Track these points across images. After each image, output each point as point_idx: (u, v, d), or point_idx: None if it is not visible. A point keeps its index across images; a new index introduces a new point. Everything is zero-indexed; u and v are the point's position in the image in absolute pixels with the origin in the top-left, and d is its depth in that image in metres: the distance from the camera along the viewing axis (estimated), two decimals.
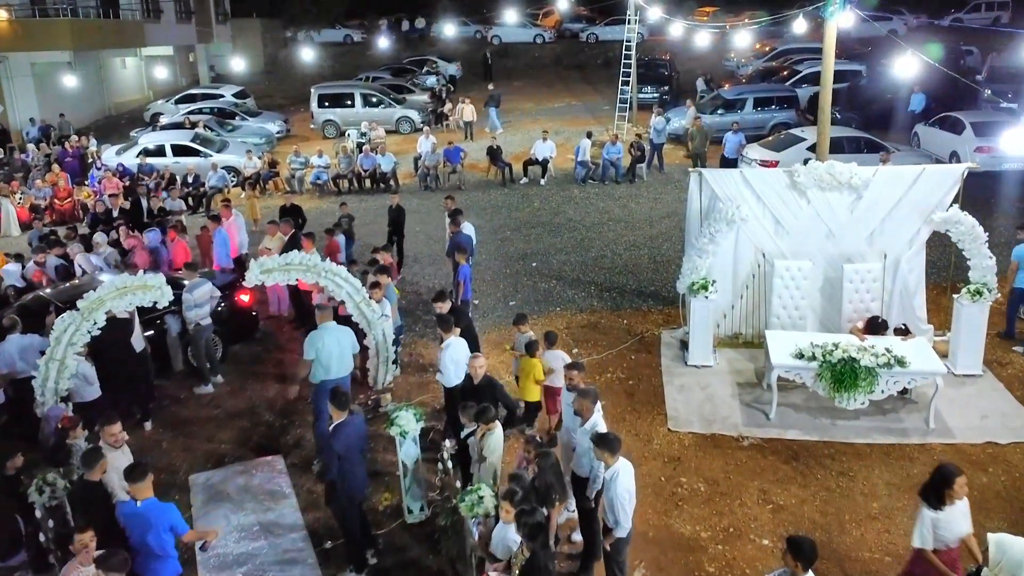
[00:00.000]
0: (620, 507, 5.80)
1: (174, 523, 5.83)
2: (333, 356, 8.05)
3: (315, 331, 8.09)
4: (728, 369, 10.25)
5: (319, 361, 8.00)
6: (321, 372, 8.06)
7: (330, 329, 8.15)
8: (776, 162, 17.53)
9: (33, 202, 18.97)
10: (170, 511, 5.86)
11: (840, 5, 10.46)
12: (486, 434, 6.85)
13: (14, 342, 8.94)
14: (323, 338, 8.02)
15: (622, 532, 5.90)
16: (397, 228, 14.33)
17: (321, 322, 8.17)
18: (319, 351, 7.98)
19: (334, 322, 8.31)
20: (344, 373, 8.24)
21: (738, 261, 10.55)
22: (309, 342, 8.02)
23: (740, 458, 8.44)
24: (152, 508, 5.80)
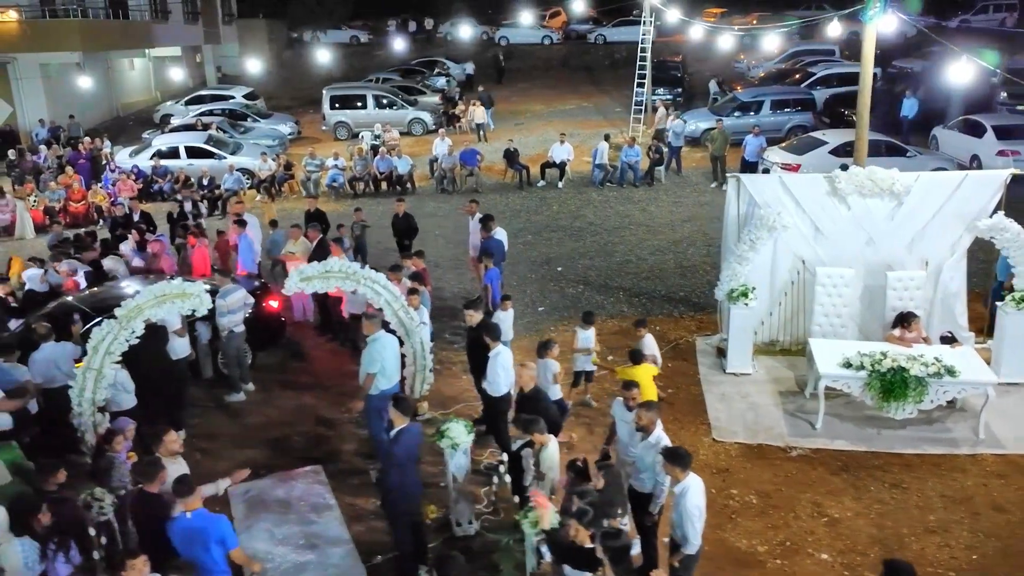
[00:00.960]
0: (690, 523, 5.67)
1: (224, 536, 5.67)
2: (389, 365, 7.92)
3: (374, 343, 7.93)
4: (767, 377, 10.12)
5: (381, 372, 7.85)
6: (383, 383, 7.92)
7: (384, 339, 8.01)
8: (798, 166, 17.44)
9: (47, 204, 18.80)
10: (220, 523, 5.71)
11: (881, 8, 10.34)
12: (542, 448, 6.72)
13: (47, 351, 8.76)
14: (383, 349, 7.88)
15: (692, 549, 5.77)
16: (406, 236, 13.83)
17: (371, 332, 8.01)
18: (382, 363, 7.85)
19: (384, 331, 8.17)
20: (397, 381, 8.11)
21: (776, 268, 10.42)
22: (371, 355, 7.87)
23: (789, 469, 8.31)
24: (202, 519, 5.66)
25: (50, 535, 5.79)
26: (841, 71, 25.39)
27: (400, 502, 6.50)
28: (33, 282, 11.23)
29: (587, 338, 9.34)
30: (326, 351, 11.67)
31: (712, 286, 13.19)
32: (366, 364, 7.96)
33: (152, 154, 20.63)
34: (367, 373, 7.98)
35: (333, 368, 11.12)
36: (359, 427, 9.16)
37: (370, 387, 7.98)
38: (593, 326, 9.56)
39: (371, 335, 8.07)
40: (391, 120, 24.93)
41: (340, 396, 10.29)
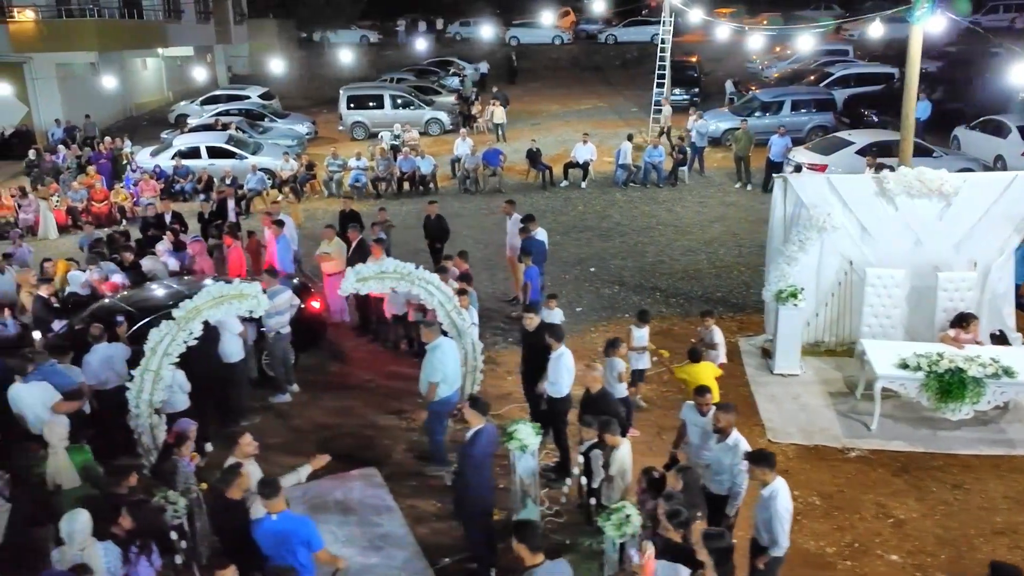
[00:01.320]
0: (780, 525, 5.65)
1: (310, 537, 5.62)
2: (451, 372, 7.89)
3: (436, 352, 7.89)
4: (815, 378, 10.10)
5: (443, 379, 7.82)
6: (445, 390, 7.89)
7: (446, 345, 7.97)
8: (824, 166, 17.41)
9: (70, 205, 18.74)
10: (306, 524, 5.68)
11: (929, 9, 10.32)
12: (613, 450, 6.70)
13: (101, 352, 8.72)
14: (444, 357, 7.84)
15: (780, 551, 5.75)
16: (438, 239, 13.73)
17: (430, 340, 7.96)
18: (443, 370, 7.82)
19: (443, 336, 8.13)
20: (458, 387, 8.08)
21: (822, 269, 10.39)
22: (433, 364, 7.82)
23: (848, 471, 8.29)
24: (288, 521, 5.62)
25: (131, 539, 5.76)
26: (859, 71, 25.39)
27: (476, 504, 6.47)
28: (75, 284, 11.17)
29: (642, 336, 9.35)
30: (366, 352, 11.64)
31: (748, 286, 13.32)
32: (428, 373, 7.89)
33: (173, 154, 20.56)
34: (430, 382, 7.92)
35: (375, 369, 11.09)
36: (422, 435, 9.12)
37: (434, 396, 7.93)
38: (648, 324, 9.56)
39: (431, 343, 8.01)
40: (408, 120, 24.89)
41: (385, 398, 10.26)
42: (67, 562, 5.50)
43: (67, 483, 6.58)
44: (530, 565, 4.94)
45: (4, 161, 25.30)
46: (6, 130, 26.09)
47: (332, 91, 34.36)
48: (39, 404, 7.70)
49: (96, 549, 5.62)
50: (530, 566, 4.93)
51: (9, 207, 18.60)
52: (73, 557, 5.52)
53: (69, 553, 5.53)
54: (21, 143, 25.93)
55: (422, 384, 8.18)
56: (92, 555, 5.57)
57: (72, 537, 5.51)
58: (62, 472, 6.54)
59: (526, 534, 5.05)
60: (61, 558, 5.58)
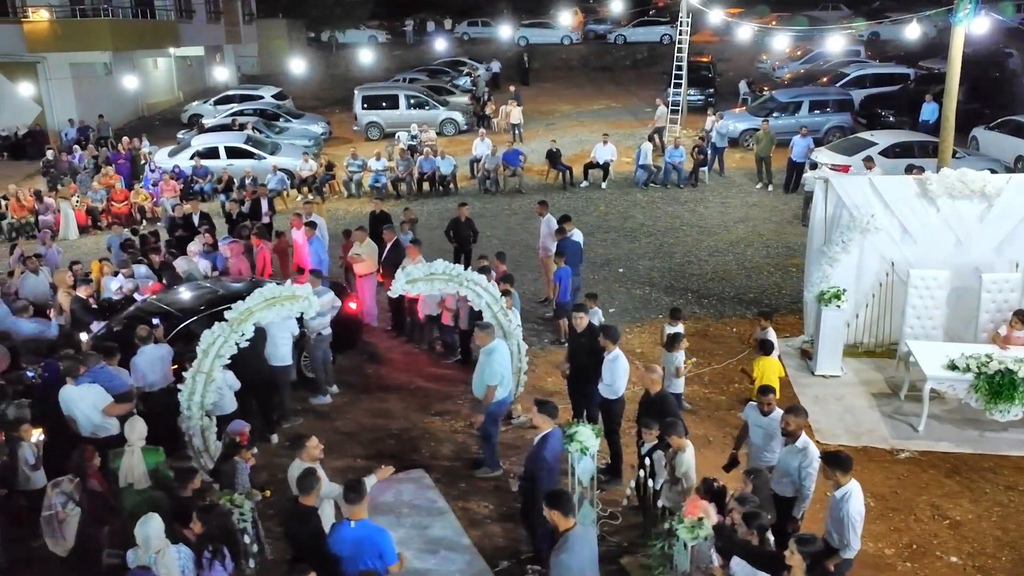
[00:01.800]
0: (852, 528, 5.64)
1: (383, 550, 5.54)
2: (507, 373, 7.87)
3: (494, 354, 7.88)
4: (857, 380, 10.10)
5: (501, 382, 7.80)
6: (501, 392, 7.88)
7: (501, 348, 7.96)
8: (848, 167, 17.40)
9: (90, 205, 18.71)
10: (382, 536, 5.60)
11: (972, 10, 10.32)
12: (679, 452, 6.68)
13: (148, 353, 8.69)
14: (502, 359, 7.83)
15: (852, 553, 5.74)
16: (466, 242, 13.65)
17: (485, 343, 7.93)
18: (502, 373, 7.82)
19: (497, 339, 8.12)
20: (511, 387, 8.08)
21: (862, 270, 10.38)
22: (492, 367, 7.80)
23: (900, 472, 8.28)
24: (365, 530, 5.57)
25: (202, 543, 5.73)
26: (874, 72, 25.40)
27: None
28: (110, 290, 11.11)
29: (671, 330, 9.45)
30: (401, 353, 11.61)
31: (779, 287, 13.33)
32: (487, 376, 7.86)
33: (192, 154, 20.52)
34: (488, 385, 7.89)
35: (412, 370, 11.08)
36: (468, 437, 9.11)
37: (492, 399, 7.91)
38: (681, 321, 9.58)
39: (486, 346, 7.99)
40: (423, 120, 24.79)
41: (426, 399, 10.24)
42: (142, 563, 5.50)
43: (138, 483, 6.56)
44: (564, 529, 5.27)
45: (18, 161, 25.30)
46: (19, 130, 26.06)
47: (343, 91, 34.40)
48: (90, 406, 7.68)
49: (171, 552, 5.61)
50: (564, 530, 5.26)
51: (28, 208, 18.59)
52: (148, 560, 5.51)
53: (145, 556, 5.51)
54: (34, 143, 25.93)
55: (477, 388, 8.15)
56: (167, 558, 5.56)
57: (148, 541, 5.51)
58: (135, 471, 6.52)
59: (558, 501, 5.34)
60: (136, 560, 5.57)
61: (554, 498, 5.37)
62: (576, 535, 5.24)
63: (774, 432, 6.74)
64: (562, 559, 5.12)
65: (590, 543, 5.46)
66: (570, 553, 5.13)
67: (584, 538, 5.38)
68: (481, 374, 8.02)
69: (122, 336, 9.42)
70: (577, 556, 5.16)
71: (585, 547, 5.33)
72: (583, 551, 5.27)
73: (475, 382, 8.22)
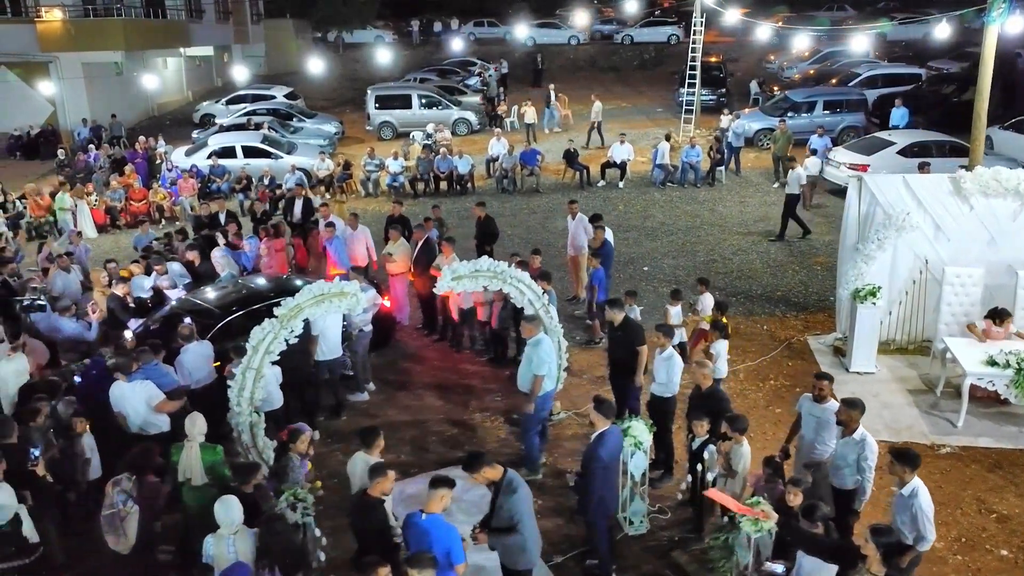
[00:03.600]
0: (927, 522, 5.70)
1: (451, 548, 5.52)
2: (554, 364, 7.93)
3: (541, 345, 7.91)
4: (891, 376, 10.17)
5: (548, 373, 7.86)
6: (548, 384, 7.93)
7: (547, 340, 8.02)
8: (867, 166, 17.50)
9: (108, 204, 18.72)
10: (451, 533, 5.59)
11: (1006, 9, 10.40)
12: (734, 446, 6.75)
13: (192, 351, 8.74)
14: (550, 350, 7.89)
15: (927, 546, 5.80)
16: (487, 241, 13.58)
17: (532, 335, 7.98)
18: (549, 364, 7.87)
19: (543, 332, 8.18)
20: (556, 380, 8.14)
21: (896, 268, 10.46)
22: (540, 358, 7.84)
23: (942, 467, 8.36)
24: (435, 525, 5.59)
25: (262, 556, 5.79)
26: (886, 72, 25.51)
27: (602, 504, 6.51)
28: (139, 290, 11.12)
29: (677, 313, 9.93)
30: (434, 351, 11.66)
31: (805, 285, 13.41)
32: (536, 367, 7.90)
33: (209, 153, 20.55)
34: (536, 376, 7.94)
35: (447, 367, 11.13)
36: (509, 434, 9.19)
37: (539, 390, 7.96)
38: (681, 302, 10.07)
39: (533, 338, 8.03)
40: (436, 120, 24.88)
41: (463, 396, 10.31)
42: (221, 547, 5.64)
43: (196, 479, 6.61)
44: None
45: (31, 161, 25.31)
46: (32, 129, 26.08)
47: (351, 91, 34.49)
48: (142, 403, 7.72)
49: (247, 535, 5.75)
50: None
51: (45, 207, 18.59)
52: (227, 541, 5.65)
53: (225, 536, 5.67)
54: (47, 142, 25.95)
55: (523, 380, 8.20)
56: (243, 538, 5.73)
57: (232, 521, 5.69)
58: (193, 467, 6.57)
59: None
60: (216, 543, 5.71)
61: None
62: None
63: (828, 422, 6.81)
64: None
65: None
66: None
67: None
68: (528, 364, 8.07)
69: (160, 334, 9.46)
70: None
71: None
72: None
73: (521, 374, 8.27)
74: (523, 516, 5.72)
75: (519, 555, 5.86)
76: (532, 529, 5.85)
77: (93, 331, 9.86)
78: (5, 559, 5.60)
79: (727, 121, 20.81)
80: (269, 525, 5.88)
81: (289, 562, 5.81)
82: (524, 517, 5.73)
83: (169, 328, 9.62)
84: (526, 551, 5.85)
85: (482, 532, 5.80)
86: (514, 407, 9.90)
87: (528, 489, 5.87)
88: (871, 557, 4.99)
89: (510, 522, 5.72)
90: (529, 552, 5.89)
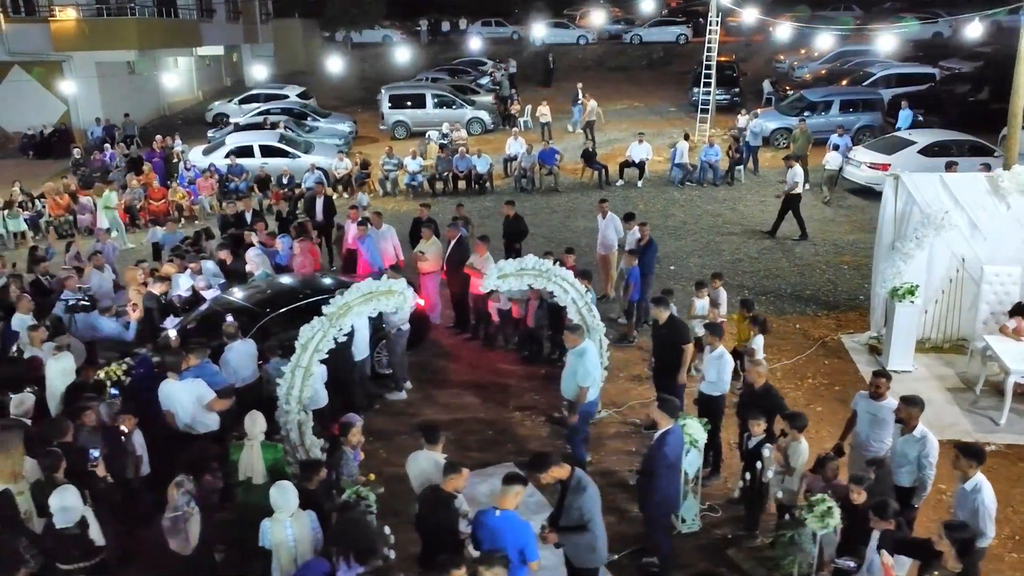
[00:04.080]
0: (989, 517, 5.73)
1: (526, 545, 5.53)
2: (598, 373, 7.93)
3: (586, 355, 7.91)
4: (929, 375, 10.20)
5: (593, 382, 7.87)
6: (592, 392, 7.94)
7: (592, 349, 8.02)
8: (888, 165, 17.53)
9: (128, 203, 18.70)
10: (525, 530, 5.61)
11: None
12: (792, 443, 6.77)
13: (237, 349, 8.74)
14: (595, 359, 7.89)
15: (987, 542, 5.84)
16: (516, 239, 13.66)
17: (575, 344, 7.96)
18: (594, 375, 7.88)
19: (588, 340, 8.18)
20: (601, 386, 8.16)
21: (932, 266, 10.48)
22: (586, 368, 7.85)
23: (989, 465, 8.17)
24: (509, 522, 5.60)
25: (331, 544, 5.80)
26: (899, 72, 25.56)
27: (664, 505, 6.52)
28: (177, 288, 11.12)
29: (703, 306, 9.93)
30: (468, 350, 11.67)
31: (834, 284, 13.44)
32: (581, 378, 7.89)
33: (227, 152, 20.53)
34: (581, 386, 7.93)
35: (482, 366, 11.14)
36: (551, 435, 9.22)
37: (584, 400, 7.97)
38: (707, 294, 10.08)
39: (577, 347, 7.99)
40: (450, 119, 24.87)
41: (502, 395, 10.32)
42: (278, 530, 5.78)
43: (256, 477, 6.61)
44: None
45: (44, 160, 25.28)
46: (45, 128, 26.05)
47: (361, 90, 34.48)
48: (193, 401, 7.71)
49: (304, 518, 5.86)
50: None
51: (64, 206, 18.59)
52: (285, 523, 5.79)
53: (282, 520, 5.80)
54: (60, 142, 25.94)
55: (566, 389, 8.19)
56: (302, 519, 5.86)
57: (288, 505, 5.81)
58: (254, 465, 6.57)
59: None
60: (274, 526, 5.81)
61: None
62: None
63: (884, 419, 6.83)
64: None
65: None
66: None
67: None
68: (573, 375, 8.04)
69: (198, 333, 9.46)
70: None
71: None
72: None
73: (564, 383, 8.26)
74: (594, 515, 5.74)
75: (588, 554, 5.87)
76: (601, 528, 5.86)
77: (132, 331, 9.85)
78: (70, 561, 5.58)
79: (744, 121, 20.84)
80: (343, 514, 5.91)
81: (363, 550, 5.80)
82: (595, 515, 5.74)
83: (207, 327, 9.65)
84: (596, 550, 5.87)
85: (551, 531, 5.81)
86: (553, 406, 9.92)
87: (596, 488, 5.88)
88: (946, 553, 5.01)
89: (580, 520, 5.73)
90: (598, 551, 5.90)
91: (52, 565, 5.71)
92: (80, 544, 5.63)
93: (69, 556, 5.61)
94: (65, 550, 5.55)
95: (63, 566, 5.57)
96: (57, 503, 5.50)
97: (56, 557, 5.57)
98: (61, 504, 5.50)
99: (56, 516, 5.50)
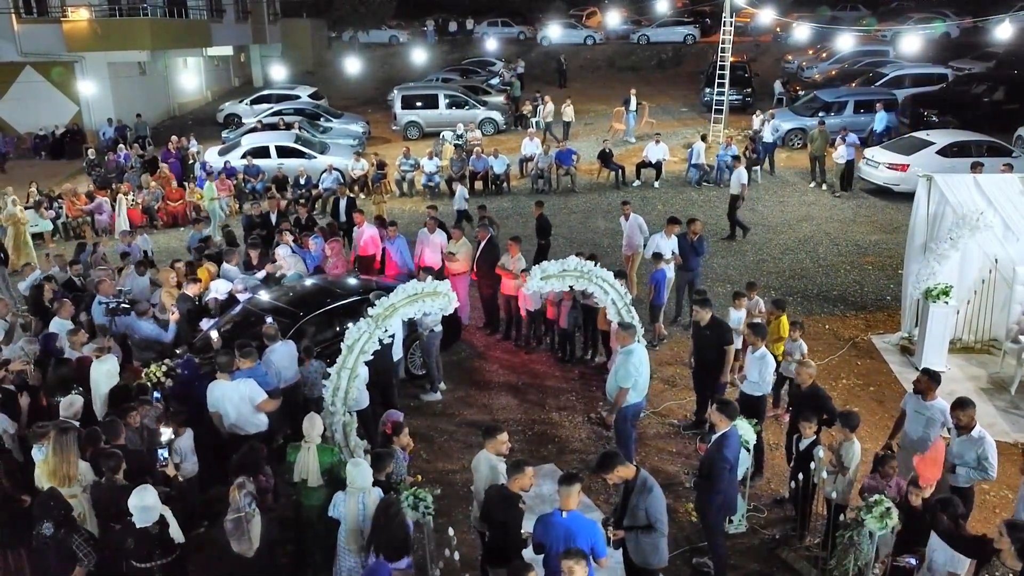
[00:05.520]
0: None
1: (595, 544, 5.56)
2: (643, 379, 7.97)
3: (632, 356, 7.92)
4: (962, 375, 10.24)
5: (635, 386, 7.90)
6: (634, 396, 7.96)
7: (640, 351, 8.04)
8: (906, 165, 17.60)
9: (146, 204, 18.70)
10: (593, 529, 5.63)
11: None
12: (845, 443, 6.80)
13: (279, 351, 8.75)
14: (640, 363, 7.92)
15: None
16: (543, 236, 13.88)
17: (625, 343, 7.99)
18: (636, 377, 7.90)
19: (637, 342, 8.21)
20: (647, 391, 8.17)
21: (965, 267, 10.52)
22: (627, 370, 7.87)
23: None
24: (577, 521, 5.64)
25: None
26: (912, 72, 25.61)
27: (723, 507, 6.55)
28: (216, 291, 11.11)
29: (739, 319, 9.78)
30: (501, 350, 11.69)
31: (860, 285, 13.48)
32: (620, 379, 7.91)
33: (243, 153, 20.53)
34: (620, 388, 7.95)
35: (516, 366, 11.17)
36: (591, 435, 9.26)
37: (622, 403, 8.00)
38: (744, 303, 10.02)
39: (626, 347, 8.03)
40: (463, 120, 24.89)
41: (540, 395, 10.35)
42: (352, 503, 6.03)
43: (312, 479, 6.63)
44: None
45: (56, 161, 25.26)
46: (58, 129, 26.03)
47: (371, 91, 34.48)
48: (244, 401, 7.71)
49: (375, 493, 6.11)
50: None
51: (82, 207, 18.59)
52: (359, 496, 6.05)
53: (355, 494, 6.06)
54: (72, 142, 25.92)
55: (610, 389, 8.23)
56: (373, 496, 6.06)
57: (364, 481, 6.07)
58: (311, 467, 6.60)
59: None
60: (348, 499, 6.07)
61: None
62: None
63: (934, 419, 6.88)
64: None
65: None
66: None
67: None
68: (615, 375, 8.11)
69: (235, 335, 9.47)
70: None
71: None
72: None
73: (609, 383, 8.30)
74: (660, 515, 5.77)
75: (653, 554, 5.91)
76: (666, 528, 5.90)
77: (170, 333, 9.86)
78: (148, 559, 5.61)
79: (759, 122, 20.88)
80: (385, 509, 5.94)
81: (395, 547, 5.82)
82: (661, 516, 5.78)
83: (243, 328, 9.67)
84: (659, 550, 5.91)
85: (618, 531, 5.85)
86: (591, 407, 9.96)
87: (660, 489, 5.91)
88: (1005, 551, 5.04)
89: (647, 521, 5.76)
90: (661, 551, 5.94)
91: (116, 564, 5.75)
92: (159, 543, 5.68)
93: (148, 554, 5.64)
94: (144, 549, 5.58)
95: (139, 564, 5.59)
96: (138, 502, 5.54)
97: (131, 556, 5.60)
98: (142, 503, 5.54)
99: (136, 515, 5.53)
